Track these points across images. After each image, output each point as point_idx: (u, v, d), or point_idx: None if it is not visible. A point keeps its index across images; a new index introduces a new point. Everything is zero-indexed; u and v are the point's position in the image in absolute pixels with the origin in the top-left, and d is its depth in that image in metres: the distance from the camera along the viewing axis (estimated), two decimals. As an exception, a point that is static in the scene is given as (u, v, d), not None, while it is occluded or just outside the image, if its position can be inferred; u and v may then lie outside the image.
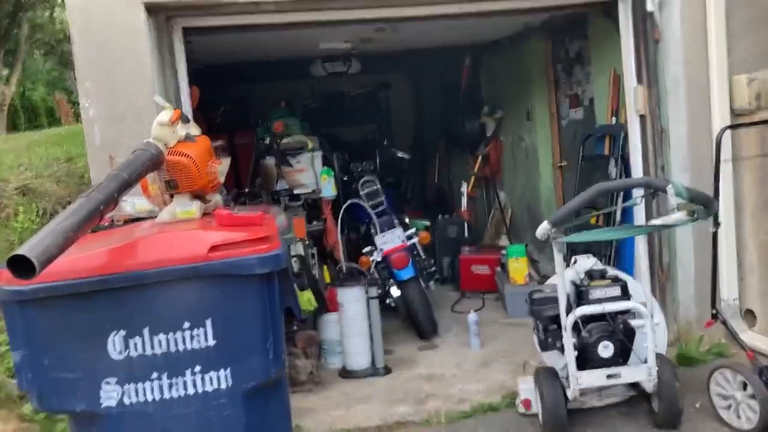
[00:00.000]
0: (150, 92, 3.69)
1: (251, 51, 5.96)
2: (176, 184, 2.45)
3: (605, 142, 5.33)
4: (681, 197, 3.11)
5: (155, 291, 2.04)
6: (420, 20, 4.46)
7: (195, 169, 2.42)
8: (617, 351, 3.33)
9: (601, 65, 5.45)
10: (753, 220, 4.25)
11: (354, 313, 4.50)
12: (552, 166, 6.55)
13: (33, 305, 1.97)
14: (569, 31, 5.91)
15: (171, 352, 2.06)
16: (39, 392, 2.03)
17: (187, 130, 2.55)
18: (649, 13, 4.28)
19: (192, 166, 2.42)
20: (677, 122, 4.30)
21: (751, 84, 4.11)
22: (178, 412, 2.09)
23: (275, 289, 2.15)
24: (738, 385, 3.34)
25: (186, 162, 2.42)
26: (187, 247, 2.07)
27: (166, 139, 2.42)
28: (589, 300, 3.40)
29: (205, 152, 2.52)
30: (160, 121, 2.43)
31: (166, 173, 2.44)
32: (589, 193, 3.26)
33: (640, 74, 4.39)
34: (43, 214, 4.60)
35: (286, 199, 5.56)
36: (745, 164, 4.21)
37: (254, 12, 3.98)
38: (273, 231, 2.26)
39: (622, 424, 3.56)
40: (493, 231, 7.47)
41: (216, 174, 2.52)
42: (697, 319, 4.36)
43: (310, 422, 3.80)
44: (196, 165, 2.43)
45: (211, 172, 2.50)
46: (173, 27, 3.93)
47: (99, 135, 3.71)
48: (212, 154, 2.55)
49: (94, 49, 3.68)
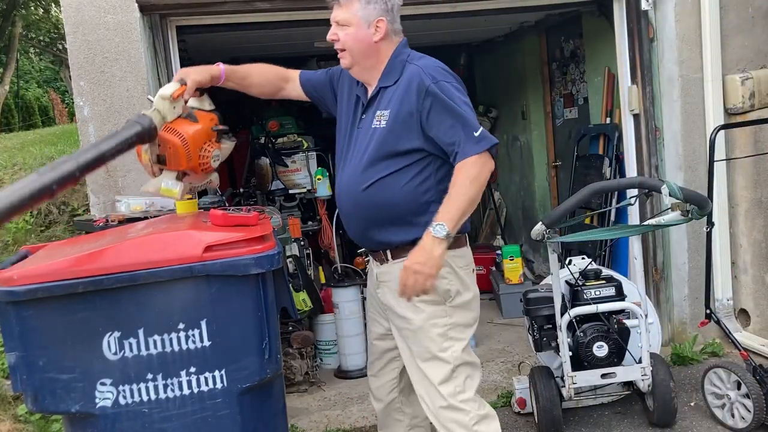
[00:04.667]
0: (144, 91, 3.69)
1: (245, 50, 5.96)
2: (165, 160, 2.36)
3: (599, 142, 5.34)
4: (675, 197, 3.11)
5: (150, 291, 2.03)
6: (414, 19, 4.47)
7: (184, 150, 2.31)
8: (612, 351, 3.34)
9: (596, 64, 5.46)
10: (747, 219, 4.26)
11: (349, 314, 4.51)
12: (546, 165, 6.56)
13: (27, 306, 1.97)
14: (564, 30, 5.92)
15: (166, 353, 2.06)
16: (34, 393, 2.02)
17: (199, 104, 2.46)
18: (644, 12, 4.29)
19: (181, 147, 2.31)
20: (671, 121, 4.31)
21: (744, 83, 4.12)
22: (173, 412, 2.09)
23: (271, 290, 2.15)
24: (732, 385, 3.35)
25: (175, 141, 2.30)
26: (181, 248, 2.06)
27: (165, 112, 2.32)
28: (583, 300, 3.41)
29: (203, 134, 2.39)
30: (163, 94, 2.32)
31: (158, 147, 2.35)
32: (583, 193, 3.26)
33: (634, 73, 4.40)
34: (37, 214, 4.59)
35: (281, 199, 5.55)
36: (739, 164, 4.22)
37: (248, 11, 3.98)
38: (268, 231, 2.25)
39: (616, 423, 3.57)
40: (488, 231, 7.48)
41: (209, 158, 2.39)
42: (691, 318, 4.38)
43: (305, 422, 3.81)
44: (186, 146, 2.32)
45: (204, 156, 2.37)
46: (167, 26, 3.93)
47: (94, 134, 3.70)
48: (211, 136, 2.42)
49: (89, 48, 3.68)
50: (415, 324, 2.43)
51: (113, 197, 3.63)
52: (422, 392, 2.47)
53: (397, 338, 2.54)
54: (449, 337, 2.43)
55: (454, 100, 2.31)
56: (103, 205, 3.70)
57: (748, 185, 4.23)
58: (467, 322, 2.49)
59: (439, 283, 2.35)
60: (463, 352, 2.45)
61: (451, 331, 2.43)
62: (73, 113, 12.68)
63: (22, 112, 16.43)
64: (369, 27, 2.41)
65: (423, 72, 2.35)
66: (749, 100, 4.14)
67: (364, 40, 2.42)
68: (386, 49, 2.46)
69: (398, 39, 2.49)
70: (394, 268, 2.43)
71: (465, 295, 2.47)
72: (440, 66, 2.42)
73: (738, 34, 4.22)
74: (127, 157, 3.66)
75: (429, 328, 2.42)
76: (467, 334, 2.49)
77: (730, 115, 4.22)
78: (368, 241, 2.54)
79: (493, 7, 4.43)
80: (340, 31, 2.45)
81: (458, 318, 2.45)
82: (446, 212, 2.25)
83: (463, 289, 2.47)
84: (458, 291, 2.45)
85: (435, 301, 2.41)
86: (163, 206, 3.35)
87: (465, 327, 2.48)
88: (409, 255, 2.28)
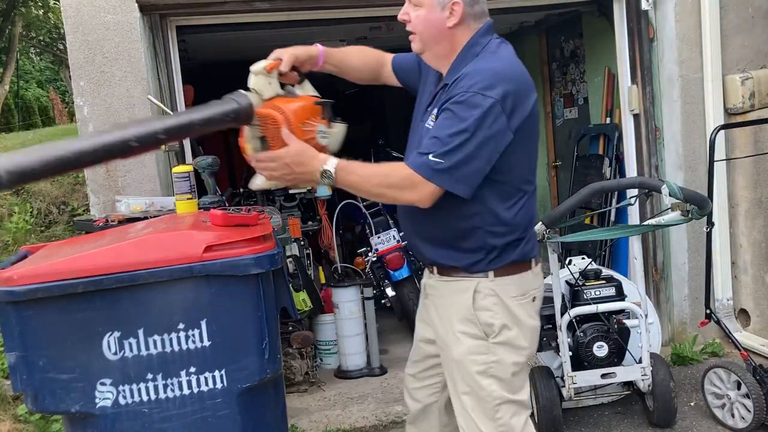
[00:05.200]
0: (144, 91, 3.69)
1: (246, 49, 5.93)
2: (267, 142, 2.10)
3: (599, 142, 5.34)
4: (675, 197, 3.11)
5: (150, 292, 2.03)
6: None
7: (287, 125, 2.05)
8: (612, 351, 3.34)
9: (596, 64, 5.46)
10: (747, 219, 4.26)
11: (349, 314, 4.50)
12: (546, 165, 6.56)
13: (27, 306, 1.96)
14: (564, 30, 5.92)
15: (166, 353, 2.06)
16: (34, 393, 2.02)
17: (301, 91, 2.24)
18: (644, 11, 4.29)
19: (282, 121, 2.05)
20: (671, 121, 4.31)
21: (744, 83, 4.13)
22: (173, 412, 2.09)
23: (271, 290, 2.15)
24: (732, 385, 3.35)
25: (276, 116, 2.06)
26: (181, 248, 2.06)
27: (262, 89, 2.10)
28: (583, 300, 3.41)
29: (305, 108, 2.13)
30: (255, 69, 2.12)
31: (259, 129, 2.11)
32: (583, 193, 3.27)
33: (634, 73, 4.40)
34: (37, 214, 4.59)
35: (281, 199, 5.55)
36: (739, 163, 4.22)
37: (248, 11, 3.98)
38: (268, 231, 2.25)
39: (616, 423, 3.57)
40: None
41: (314, 133, 2.10)
42: (691, 318, 4.38)
43: (305, 422, 3.81)
44: (288, 121, 2.06)
45: (308, 131, 2.08)
46: (167, 26, 3.93)
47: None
48: (315, 111, 2.14)
49: (89, 48, 3.68)
50: (454, 355, 2.19)
51: (113, 197, 3.63)
52: (462, 423, 2.24)
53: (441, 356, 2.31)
54: (490, 375, 2.14)
55: (466, 118, 1.95)
56: (103, 205, 3.70)
57: (748, 185, 4.23)
58: (515, 360, 2.16)
59: (481, 314, 2.12)
60: (507, 391, 2.16)
61: (494, 369, 2.14)
62: (73, 113, 12.68)
63: (22, 112, 16.42)
64: (443, 9, 2.10)
65: (471, 75, 2.02)
66: (749, 100, 4.14)
67: (435, 24, 2.11)
68: (461, 35, 2.14)
69: (477, 25, 2.16)
70: (439, 285, 2.25)
71: (512, 331, 2.14)
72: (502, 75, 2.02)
73: (738, 34, 4.22)
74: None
75: (468, 364, 2.16)
76: (513, 371, 2.17)
77: (730, 115, 4.22)
78: (416, 250, 2.33)
79: (493, 7, 4.35)
80: (412, 11, 2.15)
81: (503, 356, 2.14)
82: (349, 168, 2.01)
83: (512, 323, 2.14)
84: (504, 325, 2.13)
85: (476, 335, 2.14)
86: (163, 206, 3.35)
87: (512, 365, 2.16)
88: (290, 145, 2.00)
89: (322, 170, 2.00)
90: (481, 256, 2.13)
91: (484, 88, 1.97)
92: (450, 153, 1.95)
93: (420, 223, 2.20)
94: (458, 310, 2.17)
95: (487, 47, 2.13)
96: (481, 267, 2.14)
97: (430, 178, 1.97)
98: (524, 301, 2.18)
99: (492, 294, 2.12)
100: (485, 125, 1.95)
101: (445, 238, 2.16)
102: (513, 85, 2.01)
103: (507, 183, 2.09)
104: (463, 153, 1.95)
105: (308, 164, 2.01)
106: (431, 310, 2.33)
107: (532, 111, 2.08)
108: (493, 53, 2.11)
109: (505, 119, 1.98)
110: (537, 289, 2.25)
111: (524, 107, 2.04)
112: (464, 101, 1.97)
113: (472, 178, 2.00)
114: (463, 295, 2.15)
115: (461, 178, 1.98)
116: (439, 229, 2.16)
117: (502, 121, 1.98)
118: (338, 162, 2.01)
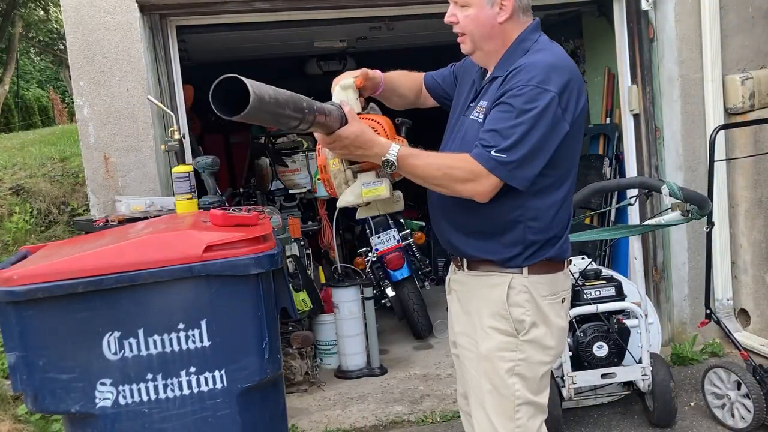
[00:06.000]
0: (144, 91, 3.69)
1: (246, 49, 5.96)
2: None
3: (599, 142, 5.34)
4: (675, 197, 3.11)
5: (150, 292, 2.03)
6: (415, 19, 4.46)
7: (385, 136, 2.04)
8: (612, 351, 3.34)
9: (596, 64, 5.46)
10: (747, 219, 4.26)
11: (349, 314, 4.50)
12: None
13: (27, 306, 1.97)
14: (564, 30, 5.92)
15: (166, 353, 2.06)
16: (34, 393, 2.02)
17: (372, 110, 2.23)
18: (644, 11, 4.29)
19: (382, 133, 2.05)
20: (671, 121, 4.31)
21: (744, 83, 4.12)
22: (173, 412, 2.09)
23: (271, 290, 2.15)
24: (732, 385, 3.35)
25: (377, 127, 2.04)
26: (181, 248, 2.06)
27: (352, 103, 2.06)
28: (583, 300, 3.41)
29: (391, 127, 2.14)
30: (344, 85, 2.10)
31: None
32: (583, 192, 3.27)
33: (634, 73, 4.40)
34: (37, 214, 4.59)
35: (281, 199, 5.55)
36: (739, 163, 4.22)
37: (248, 11, 3.98)
38: (268, 231, 2.25)
39: (616, 423, 3.57)
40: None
41: None
42: (691, 318, 4.38)
43: (305, 422, 3.81)
44: (385, 131, 2.05)
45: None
46: (167, 26, 3.92)
47: (93, 134, 3.70)
48: (396, 131, 2.16)
49: (89, 48, 3.68)
50: (481, 350, 2.15)
51: (113, 197, 3.63)
52: (478, 417, 2.21)
53: (460, 353, 2.29)
54: (516, 373, 2.12)
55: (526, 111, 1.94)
56: (103, 205, 3.70)
57: (748, 185, 4.23)
58: (542, 360, 2.14)
59: (514, 310, 2.10)
60: (530, 392, 2.14)
61: (520, 367, 2.12)
62: (73, 113, 12.68)
63: (21, 112, 16.41)
64: (492, 6, 2.08)
65: (527, 68, 2.00)
66: (749, 100, 4.13)
67: (487, 22, 2.09)
68: (512, 30, 2.12)
69: (527, 19, 2.15)
70: (468, 279, 2.21)
71: (541, 329, 2.12)
72: (559, 68, 2.01)
73: (738, 34, 4.22)
74: (127, 157, 3.71)
75: (496, 361, 2.13)
76: (539, 372, 2.15)
77: (730, 115, 4.22)
78: (446, 242, 2.27)
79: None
80: (460, 12, 2.13)
81: (531, 354, 2.12)
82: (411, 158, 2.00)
83: (541, 321, 2.12)
84: (534, 323, 2.11)
85: (506, 331, 2.11)
86: (163, 206, 3.35)
87: (539, 365, 2.14)
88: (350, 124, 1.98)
89: (384, 159, 1.99)
90: (518, 250, 2.10)
91: (542, 81, 1.96)
92: (513, 147, 1.94)
93: (456, 213, 2.17)
94: (490, 304, 2.14)
95: (537, 42, 2.12)
96: (516, 262, 2.11)
97: (493, 170, 1.96)
98: (554, 301, 2.16)
99: (525, 291, 2.10)
100: (546, 118, 1.96)
101: (483, 230, 2.13)
102: (569, 78, 2.01)
103: (552, 177, 2.08)
104: (526, 147, 1.95)
105: (367, 148, 1.99)
106: (455, 305, 2.30)
107: (584, 106, 2.09)
108: (545, 48, 2.10)
109: (562, 112, 1.99)
110: (566, 291, 2.23)
111: (579, 101, 2.04)
112: (523, 94, 1.96)
113: (531, 170, 1.99)
114: (495, 290, 2.13)
115: (522, 172, 1.98)
116: (476, 221, 2.12)
117: (560, 114, 1.98)
118: (400, 149, 2.00)
